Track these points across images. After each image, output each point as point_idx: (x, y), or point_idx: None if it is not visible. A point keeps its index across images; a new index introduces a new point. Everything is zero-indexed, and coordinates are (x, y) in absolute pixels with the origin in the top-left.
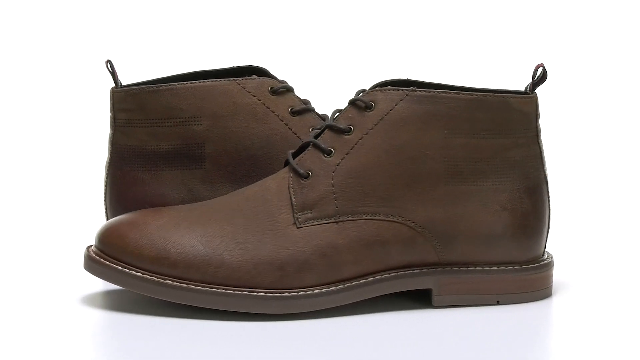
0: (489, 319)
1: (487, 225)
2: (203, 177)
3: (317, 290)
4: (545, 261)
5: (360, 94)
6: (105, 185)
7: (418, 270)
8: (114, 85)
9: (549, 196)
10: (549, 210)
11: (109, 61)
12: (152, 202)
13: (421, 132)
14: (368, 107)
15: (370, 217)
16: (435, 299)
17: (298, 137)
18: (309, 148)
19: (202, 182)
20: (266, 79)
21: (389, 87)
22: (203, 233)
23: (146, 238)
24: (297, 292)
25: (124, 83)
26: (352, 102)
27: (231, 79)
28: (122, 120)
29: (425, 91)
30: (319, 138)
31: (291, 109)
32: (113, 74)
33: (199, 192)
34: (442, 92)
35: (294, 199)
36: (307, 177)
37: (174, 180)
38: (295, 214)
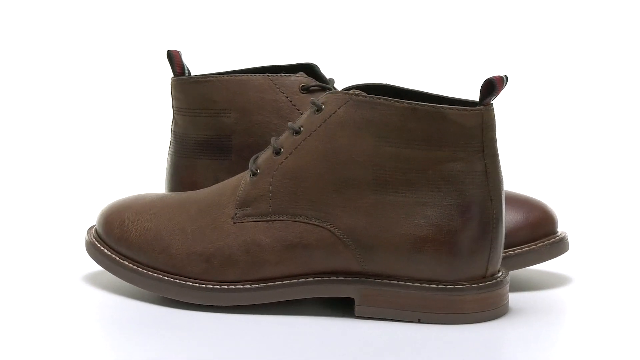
0: (406, 337)
1: (408, 239)
2: (229, 168)
3: (240, 286)
4: (482, 283)
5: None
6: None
7: (342, 278)
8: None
9: (495, 215)
10: (493, 229)
11: (169, 51)
12: (186, 189)
13: (354, 138)
14: (318, 109)
15: (298, 220)
16: (357, 309)
17: None
18: (269, 146)
19: (228, 173)
20: (301, 77)
21: (354, 91)
22: (161, 219)
23: (119, 220)
24: (220, 285)
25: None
26: (312, 103)
27: (266, 74)
28: (175, 108)
29: (366, 97)
30: (279, 137)
31: None
32: (172, 63)
33: None
34: (379, 99)
35: (239, 195)
36: (255, 174)
37: (206, 169)
38: (235, 209)
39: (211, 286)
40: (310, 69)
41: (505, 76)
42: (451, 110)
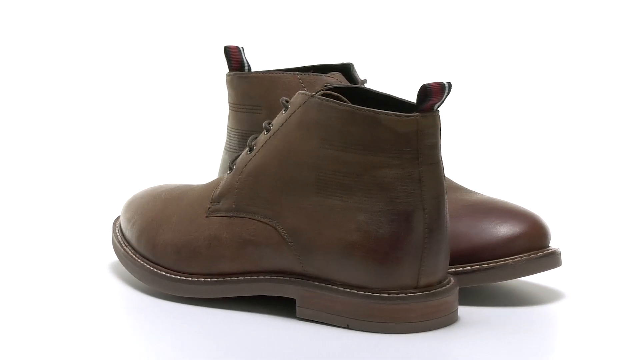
0: (340, 345)
1: (339, 244)
2: None
3: (201, 279)
4: (411, 294)
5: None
6: None
7: (287, 278)
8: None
9: (428, 225)
10: (426, 240)
11: (226, 47)
12: None
13: (304, 139)
14: (286, 109)
15: (254, 218)
16: (297, 310)
17: None
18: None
19: None
20: (329, 77)
21: (323, 91)
22: (159, 209)
23: (132, 209)
24: (186, 276)
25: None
26: (281, 102)
27: (295, 73)
28: (228, 103)
29: (319, 98)
30: (259, 135)
31: None
32: (228, 58)
33: None
34: (327, 101)
35: (215, 190)
36: (231, 170)
37: None
38: (210, 204)
39: (178, 277)
40: (346, 70)
41: (448, 83)
42: (385, 116)
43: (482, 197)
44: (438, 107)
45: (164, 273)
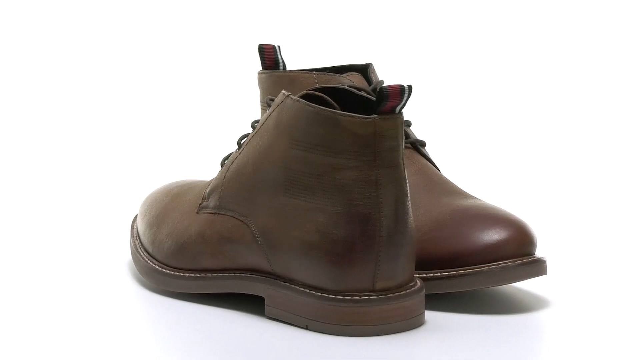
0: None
1: (299, 244)
2: None
3: (186, 274)
4: (365, 297)
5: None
6: None
7: (259, 277)
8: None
9: (384, 228)
10: (382, 243)
11: (260, 45)
12: None
13: (277, 139)
14: (269, 108)
15: (233, 215)
16: (266, 308)
17: None
18: None
19: None
20: (340, 76)
21: (307, 92)
22: (164, 204)
23: (147, 203)
24: (173, 271)
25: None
26: (265, 101)
27: (312, 72)
28: (260, 101)
29: (293, 99)
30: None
31: None
32: (261, 56)
33: None
34: (298, 102)
35: (207, 187)
36: (222, 168)
37: None
38: (202, 200)
39: (166, 270)
40: (364, 70)
41: (409, 86)
42: (345, 117)
43: (473, 202)
44: (400, 110)
45: (156, 267)
